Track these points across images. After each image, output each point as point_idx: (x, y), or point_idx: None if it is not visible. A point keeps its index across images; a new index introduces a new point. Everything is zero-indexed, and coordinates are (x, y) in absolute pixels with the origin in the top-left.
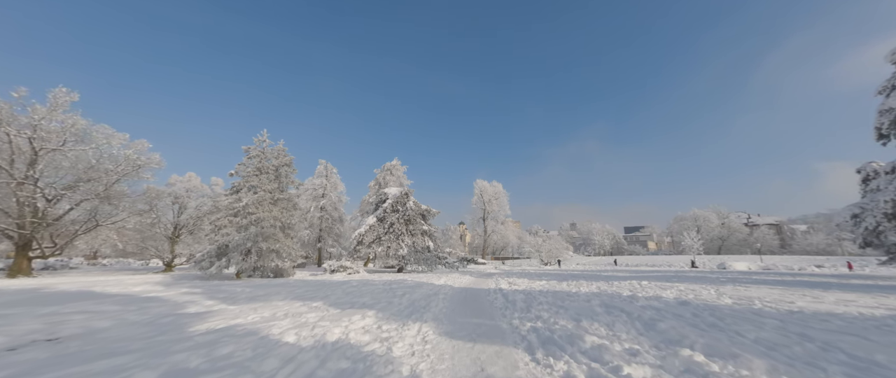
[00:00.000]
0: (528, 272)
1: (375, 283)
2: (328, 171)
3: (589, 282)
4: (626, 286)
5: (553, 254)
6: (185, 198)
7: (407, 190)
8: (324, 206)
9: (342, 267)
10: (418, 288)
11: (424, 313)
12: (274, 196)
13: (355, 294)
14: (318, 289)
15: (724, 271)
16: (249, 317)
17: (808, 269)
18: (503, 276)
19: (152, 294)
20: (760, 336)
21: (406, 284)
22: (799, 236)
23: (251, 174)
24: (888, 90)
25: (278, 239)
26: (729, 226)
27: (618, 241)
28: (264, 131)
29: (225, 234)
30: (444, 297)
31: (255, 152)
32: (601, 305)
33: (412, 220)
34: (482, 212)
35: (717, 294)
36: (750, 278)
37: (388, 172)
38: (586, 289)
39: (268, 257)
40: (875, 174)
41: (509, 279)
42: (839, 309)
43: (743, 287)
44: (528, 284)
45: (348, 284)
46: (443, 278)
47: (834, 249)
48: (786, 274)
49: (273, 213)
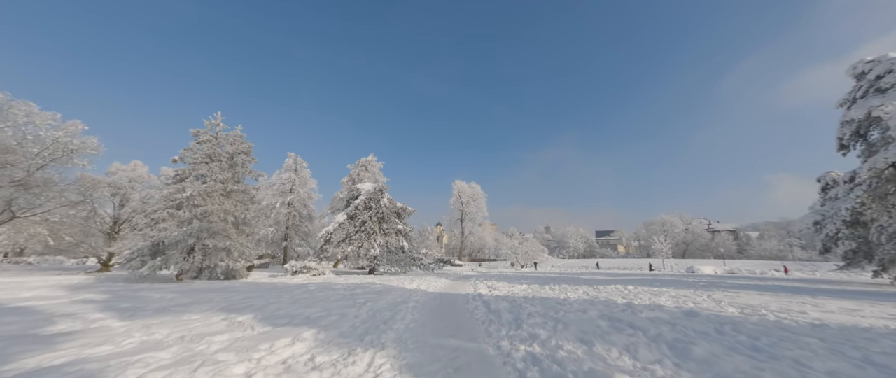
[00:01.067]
0: (505, 275)
1: (337, 288)
2: (297, 165)
3: (573, 286)
4: (615, 292)
5: (529, 256)
6: (128, 189)
7: (381, 186)
8: (291, 202)
9: (306, 268)
10: (386, 294)
11: (385, 333)
12: (227, 187)
13: (305, 302)
14: (262, 295)
15: (694, 275)
16: (123, 343)
17: (770, 272)
18: (481, 280)
19: (31, 303)
20: (830, 367)
21: (373, 289)
22: (754, 242)
23: (200, 161)
24: (849, 102)
25: (230, 236)
26: (692, 231)
27: (591, 245)
28: (218, 114)
29: (162, 229)
30: (415, 307)
31: (205, 136)
32: (603, 318)
33: (386, 218)
34: (460, 213)
35: (715, 302)
36: (726, 282)
37: (363, 168)
38: (574, 294)
39: (215, 256)
40: (834, 183)
41: (488, 283)
42: (864, 322)
43: (732, 293)
44: (509, 289)
45: (304, 289)
46: (416, 281)
47: (785, 255)
48: (752, 278)
49: (224, 206)
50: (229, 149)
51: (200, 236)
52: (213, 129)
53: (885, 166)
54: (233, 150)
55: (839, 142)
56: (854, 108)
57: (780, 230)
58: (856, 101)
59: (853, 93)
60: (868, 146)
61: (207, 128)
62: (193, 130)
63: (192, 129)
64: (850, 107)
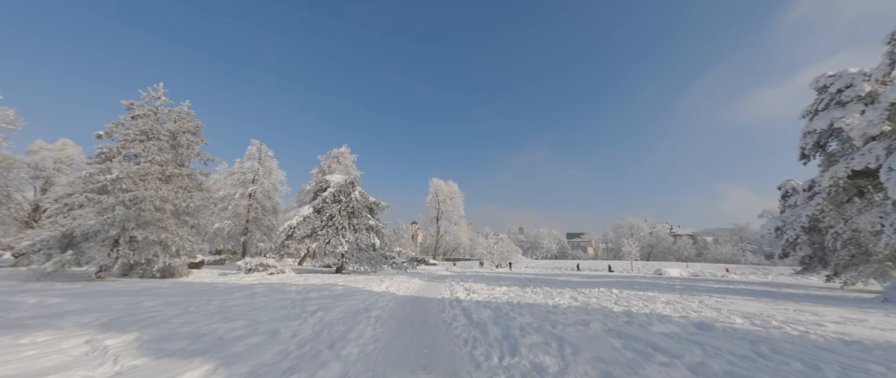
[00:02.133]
0: (482, 275)
1: (288, 290)
2: (262, 154)
3: (556, 289)
4: (604, 297)
5: (504, 256)
6: (53, 171)
7: (353, 178)
8: (253, 194)
9: (262, 265)
10: (346, 298)
11: (326, 366)
12: (166, 170)
13: (233, 312)
14: (184, 301)
15: (664, 276)
16: None
17: (730, 276)
18: (457, 280)
19: None
20: None
21: (332, 291)
22: (711, 247)
23: (133, 138)
24: (812, 114)
25: (167, 227)
26: (657, 235)
27: (563, 246)
28: (160, 85)
29: (77, 217)
30: (379, 317)
31: (142, 110)
32: (611, 334)
33: (357, 212)
34: (436, 211)
35: (715, 310)
36: (700, 286)
37: (335, 160)
38: (563, 300)
39: (147, 251)
40: (794, 191)
41: (465, 284)
42: (886, 335)
43: (718, 297)
44: (488, 292)
45: (247, 292)
46: (386, 282)
47: (738, 258)
48: (718, 280)
49: (162, 192)
50: (172, 126)
51: (126, 227)
52: (153, 103)
53: (845, 175)
54: (176, 128)
55: (801, 151)
56: (816, 120)
57: (733, 236)
58: (818, 112)
59: (815, 105)
60: (827, 157)
61: (145, 100)
62: (126, 102)
63: (125, 100)
64: (812, 118)
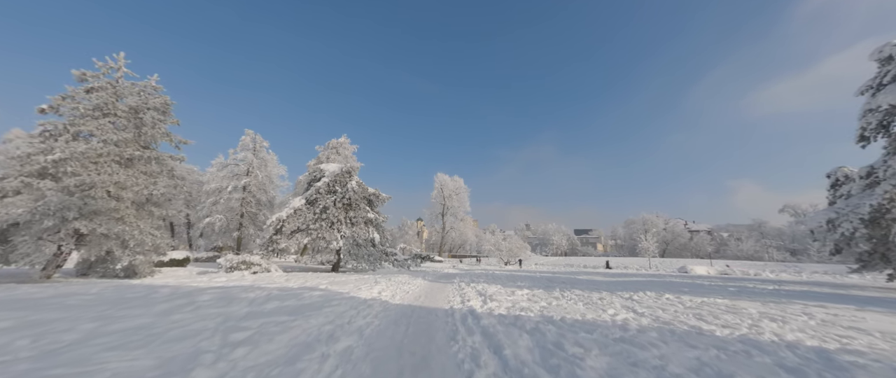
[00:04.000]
0: (494, 274)
1: (240, 300)
2: (256, 144)
3: (594, 293)
4: (669, 306)
5: (513, 253)
6: None
7: (350, 167)
8: (247, 186)
9: (244, 263)
10: (310, 314)
11: None
12: (124, 152)
13: (79, 354)
14: (60, 319)
15: (692, 275)
16: None
17: (765, 274)
18: (466, 281)
19: None
20: None
21: (300, 302)
22: (732, 244)
23: (85, 114)
24: (874, 88)
25: (125, 218)
26: (671, 230)
27: (573, 242)
28: (120, 54)
29: (7, 205)
30: (348, 350)
31: (97, 82)
32: None
33: (354, 204)
34: (441, 207)
35: (821, 323)
36: (748, 287)
37: (334, 151)
38: (619, 313)
39: (98, 245)
40: (846, 179)
41: (476, 285)
42: None
43: (799, 305)
44: (509, 298)
45: (185, 301)
46: (381, 283)
47: (761, 256)
48: (758, 280)
49: (118, 177)
50: (133, 101)
51: (66, 217)
52: (111, 74)
53: None
54: (139, 104)
55: (860, 133)
56: (881, 95)
57: (752, 231)
58: (883, 86)
59: (878, 78)
60: (893, 139)
61: (101, 72)
62: (78, 72)
63: (77, 70)
64: (875, 94)
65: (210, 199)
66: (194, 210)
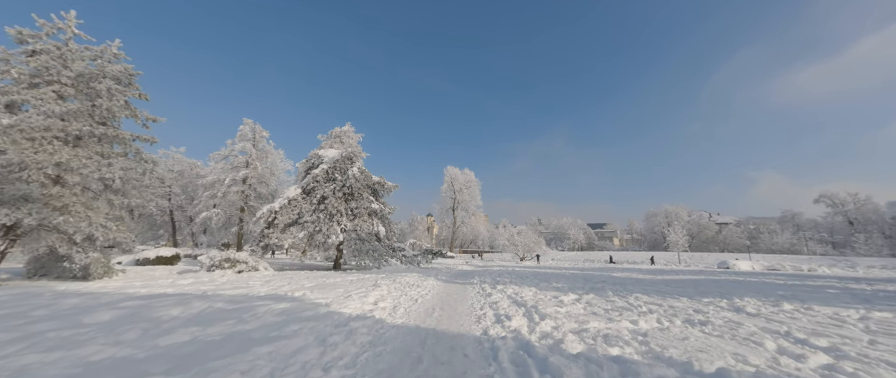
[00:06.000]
0: (515, 271)
1: (170, 316)
2: (256, 134)
3: (672, 300)
4: (829, 331)
5: (529, 248)
6: None
7: (351, 153)
8: (246, 179)
9: (228, 261)
10: (242, 354)
11: None
12: (71, 127)
13: None
14: None
15: (736, 272)
16: None
17: (820, 269)
18: (489, 281)
19: None
20: None
21: (245, 325)
22: (765, 236)
23: (20, 81)
24: None
25: (69, 208)
26: (697, 222)
27: (589, 237)
28: (71, 13)
29: None
30: None
31: (40, 45)
32: None
33: (356, 194)
34: (452, 201)
35: None
36: (882, 292)
37: (337, 140)
38: (773, 344)
39: (35, 240)
40: None
41: (504, 287)
42: None
43: None
44: (558, 308)
45: (83, 320)
46: (381, 288)
47: (799, 249)
48: (821, 277)
49: (61, 156)
50: (80, 67)
51: None
52: (58, 35)
53: None
54: (90, 72)
55: None
56: None
57: (785, 223)
58: None
59: None
60: None
61: (44, 32)
62: (13, 30)
63: (12, 28)
64: None
65: (208, 192)
66: (194, 205)
